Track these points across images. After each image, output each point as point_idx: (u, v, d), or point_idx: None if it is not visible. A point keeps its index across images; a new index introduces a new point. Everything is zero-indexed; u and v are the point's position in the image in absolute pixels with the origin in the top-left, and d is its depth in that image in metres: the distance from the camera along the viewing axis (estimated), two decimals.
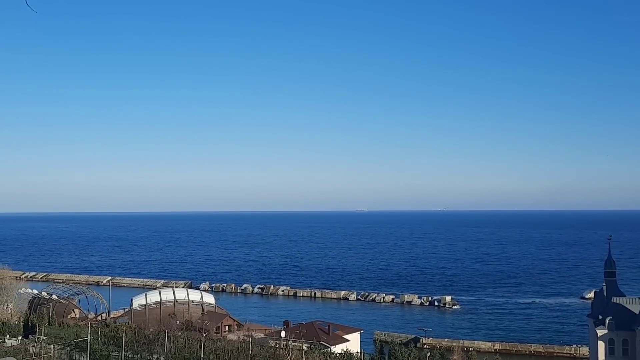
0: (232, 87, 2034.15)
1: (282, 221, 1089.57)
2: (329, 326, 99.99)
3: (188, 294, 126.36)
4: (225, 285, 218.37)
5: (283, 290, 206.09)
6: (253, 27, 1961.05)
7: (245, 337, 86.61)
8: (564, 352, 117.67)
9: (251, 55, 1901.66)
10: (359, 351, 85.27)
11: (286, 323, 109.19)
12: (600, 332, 71.92)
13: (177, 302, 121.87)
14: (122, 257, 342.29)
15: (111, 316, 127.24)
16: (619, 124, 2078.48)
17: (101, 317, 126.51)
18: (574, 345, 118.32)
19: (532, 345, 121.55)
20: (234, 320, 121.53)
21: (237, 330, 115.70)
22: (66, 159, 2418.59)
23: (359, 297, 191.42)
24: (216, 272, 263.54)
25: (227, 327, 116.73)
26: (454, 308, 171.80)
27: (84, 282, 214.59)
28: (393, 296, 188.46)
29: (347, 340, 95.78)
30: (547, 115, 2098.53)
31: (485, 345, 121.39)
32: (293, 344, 72.76)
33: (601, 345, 71.96)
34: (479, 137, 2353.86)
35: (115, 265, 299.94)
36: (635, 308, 71.07)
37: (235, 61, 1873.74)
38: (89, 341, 66.03)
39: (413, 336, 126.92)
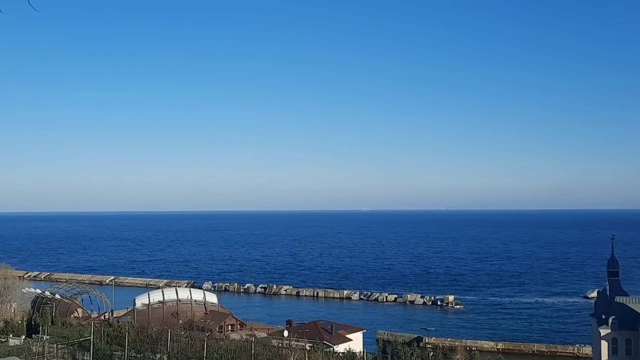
0: (234, 88, 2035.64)
1: (285, 220, 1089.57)
2: (331, 325, 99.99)
3: (191, 294, 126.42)
4: (228, 284, 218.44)
5: (286, 290, 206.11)
6: (252, 29, 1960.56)
7: (248, 337, 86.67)
8: (567, 351, 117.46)
9: (254, 59, 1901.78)
10: (361, 351, 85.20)
11: (289, 322, 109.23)
12: (604, 331, 71.76)
13: (180, 301, 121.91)
14: (125, 257, 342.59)
15: (114, 316, 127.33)
16: (621, 124, 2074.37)
17: (104, 316, 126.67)
18: (577, 345, 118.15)
19: (535, 344, 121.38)
20: (237, 319, 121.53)
21: (240, 329, 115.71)
22: (68, 159, 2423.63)
23: (362, 297, 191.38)
24: (219, 272, 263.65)
25: (229, 326, 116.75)
26: (457, 307, 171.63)
27: (87, 282, 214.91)
28: (396, 296, 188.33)
29: (350, 340, 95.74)
30: (550, 115, 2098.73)
31: (488, 344, 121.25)
32: (296, 343, 72.79)
33: (604, 345, 71.81)
34: (482, 137, 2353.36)
35: (118, 264, 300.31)
36: (639, 308, 70.87)
37: (238, 64, 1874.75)
38: (92, 340, 66.15)
39: (416, 336, 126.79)
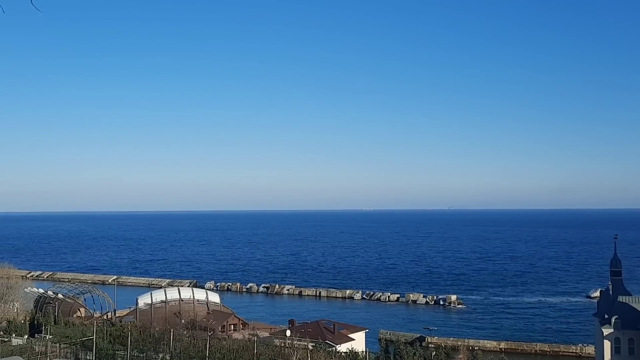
0: (235, 88, 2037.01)
1: (287, 220, 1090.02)
2: (334, 325, 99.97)
3: (193, 293, 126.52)
4: (230, 284, 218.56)
5: (288, 289, 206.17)
6: (252, 29, 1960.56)
7: (251, 336, 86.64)
8: (570, 351, 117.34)
9: (255, 59, 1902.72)
10: (364, 350, 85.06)
11: (291, 322, 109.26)
12: (606, 331, 71.74)
13: (182, 301, 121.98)
14: (127, 256, 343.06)
15: (117, 315, 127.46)
16: (623, 123, 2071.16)
17: (107, 316, 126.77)
18: (580, 345, 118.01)
19: (538, 344, 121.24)
20: (239, 319, 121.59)
21: (243, 329, 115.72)
22: (70, 159, 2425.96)
23: (364, 296, 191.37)
24: (221, 271, 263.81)
25: (232, 326, 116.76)
26: (460, 307, 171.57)
27: (89, 281, 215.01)
28: (398, 295, 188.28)
29: (353, 340, 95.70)
30: (551, 115, 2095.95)
31: (490, 344, 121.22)
32: (298, 343, 72.79)
33: (607, 345, 71.79)
34: (484, 137, 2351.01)
35: (120, 264, 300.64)
36: None
37: (239, 64, 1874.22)
38: (94, 340, 66.19)
39: (418, 335, 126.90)
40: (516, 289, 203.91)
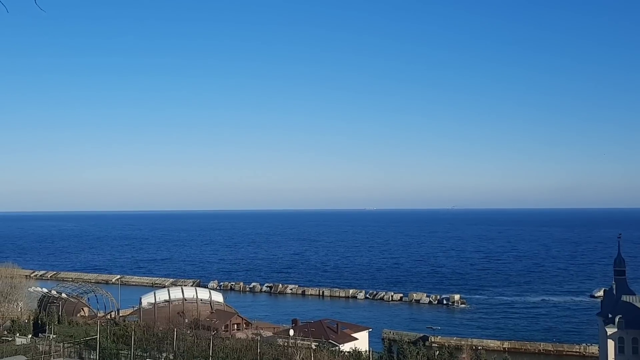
0: (237, 88, 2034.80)
1: (290, 220, 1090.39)
2: (337, 325, 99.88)
3: (197, 293, 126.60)
4: (233, 283, 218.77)
5: (291, 289, 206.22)
6: (253, 29, 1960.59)
7: (254, 336, 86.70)
8: (574, 350, 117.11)
9: (257, 59, 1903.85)
10: (367, 350, 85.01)
11: (294, 321, 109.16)
12: (610, 330, 71.61)
13: (185, 300, 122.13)
14: (130, 256, 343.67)
15: (120, 314, 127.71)
16: (626, 123, 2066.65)
17: (110, 315, 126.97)
18: (584, 344, 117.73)
19: (542, 343, 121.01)
20: (243, 318, 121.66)
21: (246, 328, 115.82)
22: (73, 159, 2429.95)
23: (368, 296, 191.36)
24: (224, 271, 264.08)
25: (235, 325, 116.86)
26: (463, 307, 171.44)
27: (93, 281, 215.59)
28: (401, 295, 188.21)
29: (356, 339, 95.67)
30: (555, 115, 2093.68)
31: (494, 343, 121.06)
32: (301, 342, 72.77)
33: (611, 344, 71.67)
34: (488, 136, 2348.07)
35: (124, 263, 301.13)
36: None
37: (240, 64, 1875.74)
38: (98, 339, 66.33)
39: (422, 335, 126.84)
40: (520, 288, 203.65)
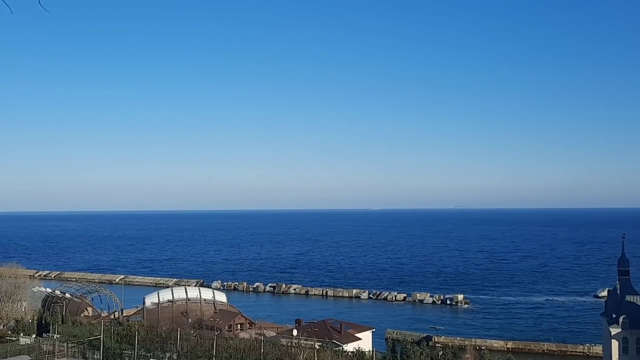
0: (240, 88, 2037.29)
1: (293, 220, 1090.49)
2: (340, 324, 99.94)
3: (200, 293, 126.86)
4: (237, 283, 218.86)
5: (295, 289, 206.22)
6: (255, 28, 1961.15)
7: (257, 336, 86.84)
8: (577, 351, 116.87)
9: (260, 59, 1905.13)
10: (370, 350, 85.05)
11: (298, 321, 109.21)
12: (614, 330, 71.43)
13: (189, 300, 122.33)
14: (134, 256, 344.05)
15: (124, 314, 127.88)
16: (630, 122, 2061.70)
17: (114, 315, 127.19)
18: (588, 344, 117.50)
19: (545, 344, 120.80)
20: (246, 318, 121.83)
21: (249, 328, 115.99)
22: (77, 158, 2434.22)
23: (371, 296, 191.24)
24: (228, 271, 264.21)
25: (239, 325, 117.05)
26: (466, 307, 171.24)
27: (96, 281, 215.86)
28: (405, 295, 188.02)
29: (359, 339, 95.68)
30: (559, 114, 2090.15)
31: (497, 343, 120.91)
32: (305, 342, 72.81)
33: (615, 344, 71.48)
34: (491, 136, 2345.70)
35: (127, 263, 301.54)
36: None
37: (243, 64, 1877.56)
38: (102, 339, 66.45)
39: (425, 335, 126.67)
40: (523, 288, 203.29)
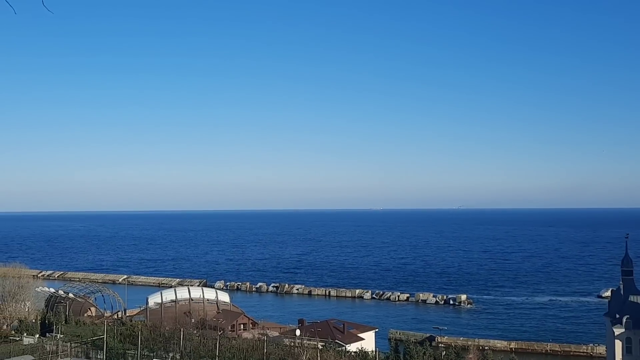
0: (243, 87, 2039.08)
1: (296, 220, 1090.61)
2: (343, 325, 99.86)
3: (203, 293, 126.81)
4: (240, 283, 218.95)
5: (298, 289, 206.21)
6: (257, 28, 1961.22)
7: (260, 336, 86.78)
8: (581, 351, 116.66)
9: (262, 59, 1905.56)
10: (374, 350, 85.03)
11: (301, 321, 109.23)
12: (618, 331, 71.27)
13: (192, 300, 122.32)
14: (137, 256, 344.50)
15: (127, 314, 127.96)
16: (633, 121, 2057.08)
17: (117, 315, 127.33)
18: (591, 344, 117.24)
19: (549, 344, 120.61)
20: (249, 318, 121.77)
21: (252, 328, 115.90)
22: (80, 158, 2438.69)
23: (374, 296, 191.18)
24: (231, 271, 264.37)
25: (242, 325, 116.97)
26: (470, 307, 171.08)
27: (100, 281, 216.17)
28: (408, 295, 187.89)
29: (362, 339, 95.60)
30: (562, 114, 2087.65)
31: (501, 344, 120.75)
32: (308, 342, 72.81)
33: (618, 344, 71.32)
34: (494, 136, 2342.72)
35: (130, 263, 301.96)
36: None
37: (243, 63, 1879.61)
38: (105, 339, 66.54)
39: (428, 335, 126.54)
40: (527, 288, 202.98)
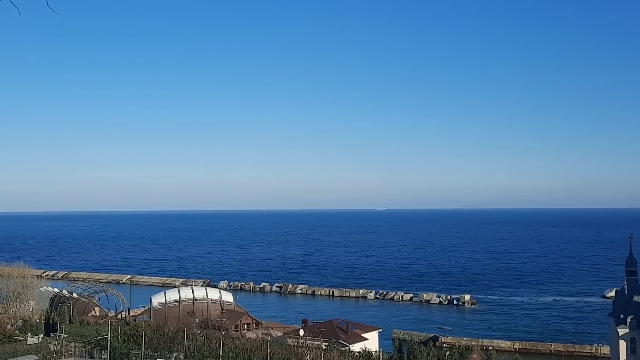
0: (245, 87, 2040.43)
1: (300, 220, 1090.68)
2: (347, 325, 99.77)
3: (207, 293, 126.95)
4: (243, 283, 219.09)
5: (301, 289, 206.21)
6: (258, 27, 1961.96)
7: (264, 336, 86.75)
8: (585, 351, 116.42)
9: (264, 59, 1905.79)
10: (377, 350, 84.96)
11: (304, 321, 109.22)
12: (622, 331, 71.07)
13: (196, 300, 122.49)
14: (141, 256, 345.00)
15: (131, 314, 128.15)
16: (636, 121, 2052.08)
17: (121, 315, 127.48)
18: (595, 345, 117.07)
19: (553, 344, 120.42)
20: (253, 318, 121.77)
21: (256, 328, 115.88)
22: (83, 158, 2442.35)
23: (378, 296, 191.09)
24: (234, 271, 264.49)
25: (245, 325, 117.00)
26: (473, 307, 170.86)
27: (104, 281, 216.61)
28: (412, 295, 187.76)
29: (366, 339, 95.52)
30: (566, 114, 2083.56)
31: (504, 344, 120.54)
32: (311, 342, 72.76)
33: (622, 345, 71.12)
34: (498, 136, 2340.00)
35: (134, 263, 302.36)
36: None
37: (243, 62, 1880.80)
38: (109, 339, 66.63)
39: (432, 335, 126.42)
40: (530, 288, 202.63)
